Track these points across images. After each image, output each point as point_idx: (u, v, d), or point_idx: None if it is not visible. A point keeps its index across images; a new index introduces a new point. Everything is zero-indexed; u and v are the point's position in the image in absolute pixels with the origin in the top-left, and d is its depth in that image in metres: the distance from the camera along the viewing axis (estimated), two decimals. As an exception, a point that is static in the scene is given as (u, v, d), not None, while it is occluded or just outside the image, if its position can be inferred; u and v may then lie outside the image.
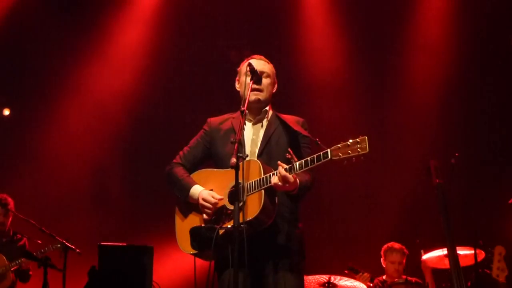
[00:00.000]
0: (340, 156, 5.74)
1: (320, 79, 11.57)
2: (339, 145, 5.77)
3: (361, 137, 5.74)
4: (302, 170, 5.90)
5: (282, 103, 6.81)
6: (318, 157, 5.82)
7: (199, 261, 6.28)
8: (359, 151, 5.73)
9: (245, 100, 6.21)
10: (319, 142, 5.98)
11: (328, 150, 5.80)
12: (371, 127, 11.02)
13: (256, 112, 6.50)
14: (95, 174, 11.73)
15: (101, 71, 12.18)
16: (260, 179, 5.96)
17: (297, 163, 5.88)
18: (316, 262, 9.34)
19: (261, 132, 6.47)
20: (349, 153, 5.74)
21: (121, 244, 7.02)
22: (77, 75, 12.22)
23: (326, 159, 5.81)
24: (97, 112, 12.09)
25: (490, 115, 11.14)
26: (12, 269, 9.62)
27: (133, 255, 6.89)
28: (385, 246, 9.90)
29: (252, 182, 6.01)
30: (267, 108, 6.57)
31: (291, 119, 6.46)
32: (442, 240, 8.45)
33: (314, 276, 9.36)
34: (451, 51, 11.40)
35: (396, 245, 9.84)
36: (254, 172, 6.04)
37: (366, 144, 5.70)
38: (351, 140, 5.75)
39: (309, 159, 5.87)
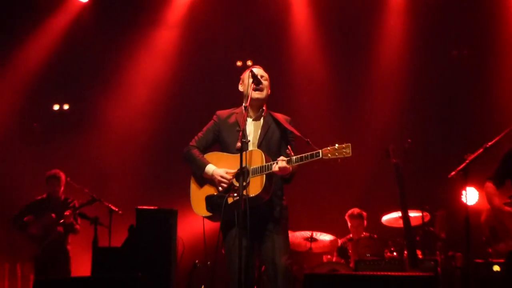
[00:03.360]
0: (329, 156, 5.93)
1: (302, 83, 11.67)
2: (328, 148, 5.94)
3: (346, 144, 5.89)
4: (296, 163, 6.05)
5: (274, 102, 6.82)
6: (312, 155, 5.98)
7: (207, 223, 6.38)
8: (344, 155, 5.90)
9: (247, 98, 6.34)
10: (310, 142, 6.08)
11: (320, 151, 5.95)
12: (342, 120, 11.22)
13: (255, 109, 6.54)
14: (133, 156, 11.74)
15: (139, 73, 12.21)
16: (263, 166, 6.10)
17: (294, 157, 6.04)
18: (301, 223, 9.36)
19: (260, 127, 6.51)
20: (336, 155, 5.94)
21: (152, 207, 7.05)
22: (120, 77, 12.26)
23: (318, 157, 5.96)
24: (134, 104, 12.15)
25: (435, 109, 11.18)
26: (60, 221, 9.69)
27: (162, 216, 6.92)
28: (348, 212, 9.98)
29: (255, 167, 6.13)
30: (264, 107, 6.60)
31: (281, 117, 6.56)
32: (398, 205, 8.56)
33: (300, 232, 9.52)
34: (407, 59, 11.39)
35: (356, 211, 9.93)
36: (257, 159, 6.17)
37: (350, 150, 5.88)
38: (337, 145, 5.91)
39: (303, 155, 6.02)
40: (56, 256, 9.81)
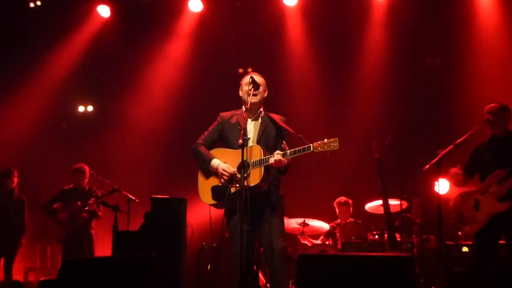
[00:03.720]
0: (319, 149, 6.01)
1: (296, 86, 11.65)
2: (318, 142, 6.02)
3: (333, 138, 5.99)
4: (290, 156, 6.13)
5: (271, 102, 6.87)
6: (304, 149, 6.07)
7: (213, 210, 6.46)
8: (332, 148, 5.99)
9: (247, 102, 6.38)
10: (302, 138, 6.16)
11: (311, 145, 6.04)
12: (330, 119, 11.18)
13: (254, 111, 6.59)
14: (149, 150, 11.77)
15: (154, 77, 12.25)
16: (261, 159, 6.18)
17: (288, 151, 6.12)
18: (294, 210, 9.36)
19: (258, 127, 6.57)
20: (325, 148, 6.02)
21: (165, 196, 7.06)
22: (137, 81, 12.30)
23: (309, 151, 6.05)
24: (151, 105, 12.18)
25: (411, 110, 11.19)
26: (85, 208, 9.73)
27: (173, 204, 6.93)
28: (336, 200, 10.02)
29: (255, 160, 6.20)
30: (261, 109, 6.65)
31: (277, 117, 6.63)
32: (379, 195, 8.60)
33: (294, 219, 9.49)
34: (387, 66, 11.38)
35: (343, 199, 9.98)
36: (256, 153, 6.25)
37: (337, 143, 5.97)
38: (326, 140, 6.00)
39: (296, 149, 6.12)
40: (81, 239, 9.86)
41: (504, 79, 10.66)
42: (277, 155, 6.11)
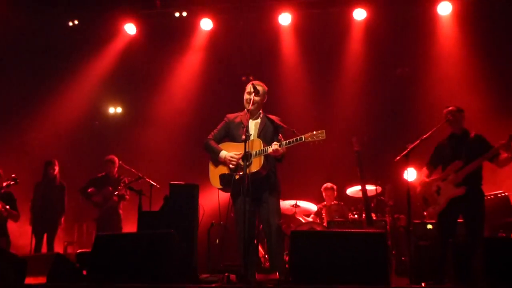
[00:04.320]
0: (309, 139, 6.11)
1: (289, 90, 11.58)
2: (308, 133, 6.11)
3: (321, 130, 6.10)
4: (285, 146, 6.20)
5: (270, 102, 6.87)
6: (297, 139, 6.18)
7: (221, 194, 6.57)
8: (320, 138, 6.11)
9: (250, 106, 6.48)
10: (295, 131, 6.23)
11: (303, 136, 6.13)
12: (318, 117, 11.05)
13: (255, 113, 6.69)
14: (168, 144, 11.71)
15: (174, 83, 12.18)
16: (261, 149, 6.27)
17: (283, 141, 6.23)
18: (288, 193, 9.32)
19: (258, 125, 6.64)
20: (314, 138, 6.12)
21: (181, 182, 7.03)
22: (160, 86, 12.20)
23: (301, 141, 6.15)
24: (171, 106, 12.09)
25: (385, 110, 11.20)
26: (115, 192, 9.77)
27: (188, 189, 6.90)
28: (323, 186, 9.96)
29: (256, 151, 6.29)
30: (260, 111, 6.72)
31: (274, 118, 6.72)
32: (358, 181, 8.57)
33: (288, 201, 9.45)
34: (365, 73, 11.37)
35: (329, 185, 9.91)
36: (257, 145, 6.35)
37: (324, 134, 6.09)
38: (315, 131, 6.11)
39: (290, 140, 6.22)
40: (112, 218, 9.87)
41: (459, 85, 10.70)
42: (274, 145, 6.18)
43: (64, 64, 12.03)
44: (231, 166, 6.40)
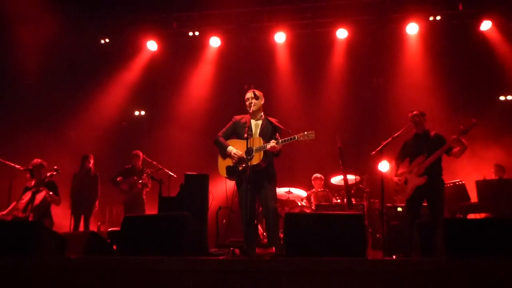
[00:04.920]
0: (301, 139, 6.13)
1: (284, 96, 11.56)
2: (301, 133, 6.12)
3: (311, 131, 6.13)
4: (281, 144, 6.22)
5: (269, 107, 6.88)
6: (291, 138, 6.19)
7: (228, 182, 6.58)
8: (310, 137, 6.13)
9: (252, 109, 6.50)
10: (289, 131, 6.26)
11: (296, 135, 6.14)
12: (308, 118, 11.04)
13: (256, 115, 6.66)
14: (183, 140, 11.70)
15: (191, 89, 12.17)
16: (261, 146, 6.26)
17: (280, 140, 6.25)
18: (283, 182, 9.32)
19: (259, 125, 6.63)
20: (305, 138, 6.14)
21: (194, 173, 7.03)
22: (177, 93, 12.19)
23: (294, 140, 6.16)
24: (187, 108, 12.07)
25: (363, 113, 11.22)
26: (139, 181, 9.75)
27: (200, 178, 6.90)
28: (313, 176, 9.93)
29: (257, 147, 6.29)
30: (262, 113, 6.71)
31: (273, 119, 6.69)
32: (341, 171, 8.57)
33: (283, 188, 9.45)
34: (346, 83, 11.45)
35: (318, 175, 9.89)
36: (258, 142, 6.34)
37: (314, 134, 6.12)
38: (306, 132, 6.12)
39: (285, 139, 6.23)
40: (137, 202, 9.84)
41: (422, 92, 10.79)
42: (272, 143, 6.19)
43: (98, 74, 12.08)
44: (233, 160, 6.40)
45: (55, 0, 10.65)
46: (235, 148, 6.45)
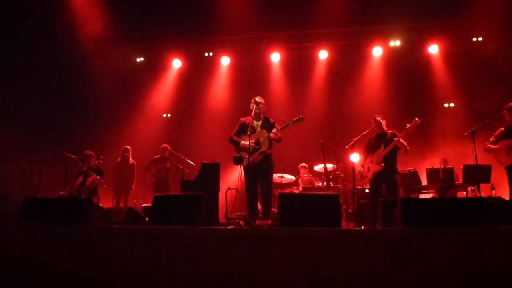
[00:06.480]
0: (294, 123, 6.32)
1: (278, 101, 11.47)
2: (293, 120, 6.31)
3: (301, 115, 6.38)
4: (281, 130, 6.31)
5: (268, 108, 6.86)
6: (287, 124, 6.36)
7: (235, 167, 6.60)
8: (300, 120, 6.37)
9: (254, 112, 6.54)
10: (284, 121, 6.38)
11: (290, 122, 6.31)
12: (295, 117, 10.97)
13: (257, 116, 6.69)
14: (203, 137, 11.59)
15: (209, 99, 12.08)
16: (267, 135, 6.32)
17: (279, 128, 6.35)
18: (277, 168, 9.24)
19: (260, 124, 6.65)
20: (297, 122, 6.35)
21: (208, 162, 7.03)
22: (197, 99, 12.12)
23: (289, 125, 6.32)
24: (204, 113, 11.98)
25: (340, 116, 11.13)
26: (166, 167, 9.72)
27: (213, 166, 6.90)
28: (299, 165, 9.85)
29: (264, 136, 6.36)
30: (261, 115, 6.72)
31: (271, 118, 6.73)
32: (322, 161, 8.54)
33: (276, 174, 9.40)
34: (326, 91, 11.38)
35: (304, 164, 9.81)
36: (263, 133, 6.42)
37: (303, 118, 6.35)
38: (296, 118, 6.35)
39: (283, 126, 6.34)
40: (163, 184, 9.76)
41: (383, 101, 10.78)
42: (274, 130, 6.31)
43: (135, 85, 12.16)
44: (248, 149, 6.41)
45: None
46: (246, 142, 6.47)
